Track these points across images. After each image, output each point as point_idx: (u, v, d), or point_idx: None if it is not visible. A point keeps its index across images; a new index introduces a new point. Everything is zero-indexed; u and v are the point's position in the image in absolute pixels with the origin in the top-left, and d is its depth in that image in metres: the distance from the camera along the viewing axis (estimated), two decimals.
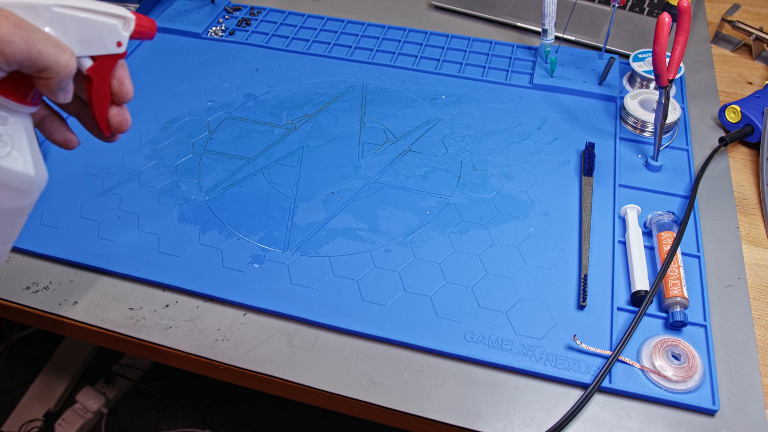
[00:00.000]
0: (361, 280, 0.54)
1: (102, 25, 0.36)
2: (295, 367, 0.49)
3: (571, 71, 0.76)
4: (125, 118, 0.41)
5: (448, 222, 0.59)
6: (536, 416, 0.47)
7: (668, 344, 0.49)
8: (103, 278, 0.56)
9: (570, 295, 0.53)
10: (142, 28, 0.39)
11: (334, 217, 0.60)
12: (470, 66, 0.78)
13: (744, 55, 0.83)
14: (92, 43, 0.36)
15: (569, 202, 0.61)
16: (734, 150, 0.69)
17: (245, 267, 0.56)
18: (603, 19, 0.87)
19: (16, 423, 1.15)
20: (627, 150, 0.67)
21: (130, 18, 0.37)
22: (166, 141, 0.68)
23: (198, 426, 1.18)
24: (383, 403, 0.47)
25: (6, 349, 1.27)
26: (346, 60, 0.79)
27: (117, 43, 0.37)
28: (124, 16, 0.37)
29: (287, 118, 0.71)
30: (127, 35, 0.38)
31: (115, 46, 0.37)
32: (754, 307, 0.54)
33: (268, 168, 0.65)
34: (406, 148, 0.67)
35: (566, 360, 0.49)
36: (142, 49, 0.81)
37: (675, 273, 0.52)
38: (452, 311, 0.52)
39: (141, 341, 0.51)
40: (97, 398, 1.17)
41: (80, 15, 0.35)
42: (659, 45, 0.59)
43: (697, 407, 0.46)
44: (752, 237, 0.60)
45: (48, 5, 0.33)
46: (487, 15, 0.88)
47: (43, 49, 0.31)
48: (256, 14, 0.88)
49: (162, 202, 0.61)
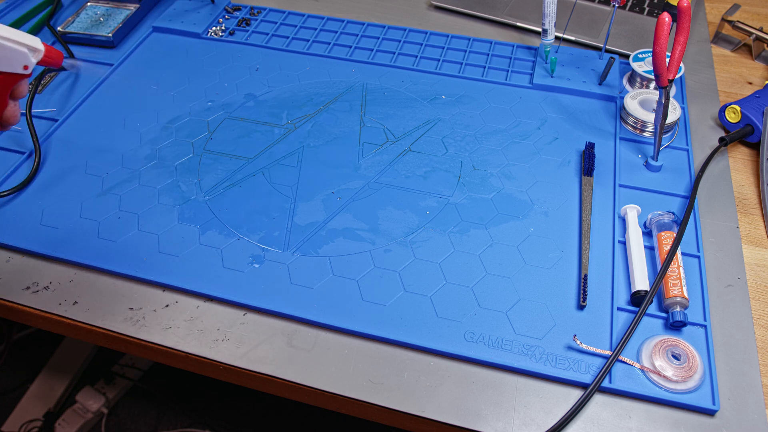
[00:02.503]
0: (361, 280, 0.54)
1: (13, 51, 0.45)
2: (295, 367, 0.49)
3: (571, 71, 0.76)
4: (15, 113, 0.49)
5: (448, 222, 0.59)
6: (536, 416, 0.47)
7: (668, 344, 0.49)
8: (103, 278, 0.56)
9: (570, 295, 0.53)
10: (49, 59, 0.48)
11: (334, 217, 0.60)
12: (470, 66, 0.78)
13: (744, 55, 0.83)
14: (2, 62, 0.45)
15: (569, 202, 0.61)
16: (734, 150, 0.69)
17: (245, 267, 0.56)
18: (603, 19, 0.87)
19: (16, 423, 1.15)
20: (627, 150, 0.67)
21: (41, 50, 0.47)
22: (166, 141, 0.68)
23: (198, 426, 1.18)
24: (383, 403, 0.47)
25: (6, 349, 1.27)
26: (346, 60, 0.79)
27: (24, 66, 0.46)
28: (35, 48, 0.47)
29: (287, 118, 0.71)
30: (35, 61, 0.47)
31: (22, 68, 0.46)
32: (754, 307, 0.54)
33: (268, 168, 0.65)
34: (406, 148, 0.67)
35: (566, 360, 0.49)
36: (143, 49, 0.81)
37: (675, 273, 0.52)
38: (452, 311, 0.52)
39: (141, 341, 0.51)
40: (97, 398, 1.16)
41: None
42: (659, 45, 0.59)
43: (697, 407, 0.46)
44: (752, 237, 0.60)
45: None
46: (487, 15, 0.88)
47: None
48: (256, 14, 0.88)
49: (162, 202, 0.61)
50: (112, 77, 0.77)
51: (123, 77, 0.76)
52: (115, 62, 0.78)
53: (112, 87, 0.75)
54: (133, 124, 0.70)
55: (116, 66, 0.78)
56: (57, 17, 0.87)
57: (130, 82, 0.76)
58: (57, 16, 0.87)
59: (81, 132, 0.69)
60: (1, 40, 0.44)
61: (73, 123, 0.71)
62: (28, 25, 0.84)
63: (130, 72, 0.78)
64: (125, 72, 0.77)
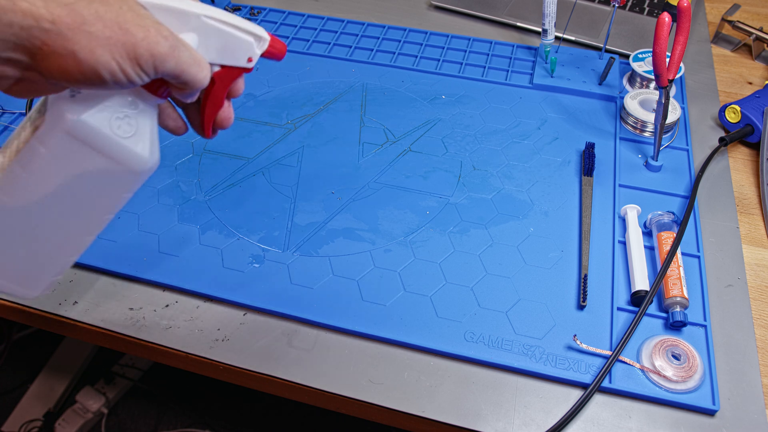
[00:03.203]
0: (361, 280, 0.54)
1: (239, 41, 0.39)
2: (295, 367, 0.49)
3: (571, 71, 0.76)
4: (230, 115, 0.43)
5: (448, 222, 0.59)
6: (536, 416, 0.47)
7: (668, 344, 0.49)
8: (103, 278, 0.56)
9: (570, 295, 0.53)
10: (274, 50, 0.41)
11: (334, 217, 0.60)
12: (470, 66, 0.78)
13: (744, 55, 0.83)
14: (227, 54, 0.39)
15: (569, 202, 0.61)
16: (734, 150, 0.69)
17: (245, 267, 0.56)
18: (603, 19, 0.87)
19: (16, 423, 1.15)
20: (627, 150, 0.67)
21: (266, 39, 0.40)
22: (166, 141, 0.68)
23: (198, 426, 1.18)
24: (383, 403, 0.47)
25: (6, 349, 1.27)
26: (346, 60, 0.79)
27: (248, 58, 0.40)
28: (261, 36, 0.40)
29: (287, 118, 0.71)
30: (259, 53, 0.40)
31: (246, 61, 0.40)
32: (754, 307, 0.54)
33: (268, 168, 0.65)
34: (406, 148, 0.67)
35: (566, 360, 0.49)
36: None
37: (675, 273, 0.52)
38: (452, 311, 0.52)
39: (141, 341, 0.51)
40: (97, 398, 1.17)
41: (223, 28, 0.38)
42: (659, 45, 0.59)
43: (697, 407, 0.46)
44: (752, 237, 0.60)
45: (198, 14, 0.36)
46: (487, 15, 0.88)
47: (187, 68, 0.35)
48: (256, 14, 0.88)
49: (162, 202, 0.61)
50: None
51: None
52: None
53: None
54: None
55: None
56: None
57: None
58: None
59: None
60: (226, 27, 0.38)
61: None
62: None
63: None
64: None
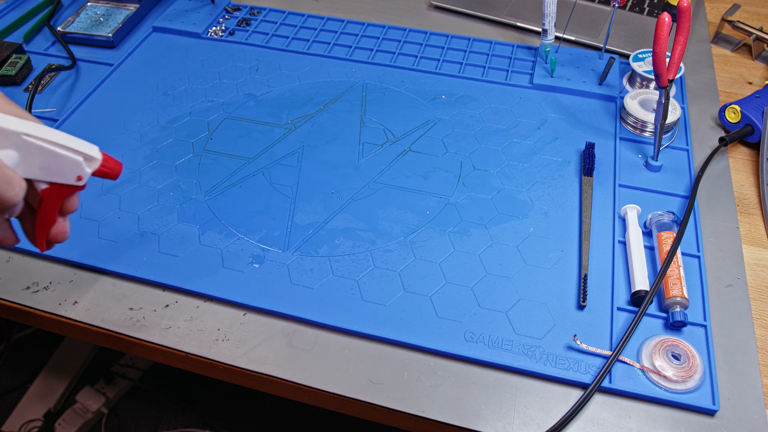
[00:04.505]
0: (361, 280, 0.54)
1: (66, 159, 0.38)
2: (295, 367, 0.49)
3: (571, 71, 0.76)
4: (64, 230, 0.42)
5: (448, 222, 0.59)
6: (536, 416, 0.47)
7: (668, 344, 0.49)
8: (103, 278, 0.56)
9: (570, 295, 0.53)
10: (107, 169, 0.41)
11: (334, 217, 0.60)
12: (470, 66, 0.78)
13: (744, 55, 0.83)
14: (53, 172, 0.38)
15: (569, 202, 0.61)
16: (734, 150, 0.69)
17: (245, 267, 0.56)
18: (603, 19, 0.87)
19: (16, 423, 1.15)
20: (627, 150, 0.67)
21: (97, 158, 0.39)
22: (166, 141, 0.68)
23: (198, 426, 1.18)
24: (383, 403, 0.47)
25: (6, 349, 1.27)
26: (346, 60, 0.79)
27: (77, 177, 0.39)
28: (91, 156, 0.39)
29: (287, 118, 0.71)
30: (89, 171, 0.39)
31: (75, 180, 0.39)
32: (754, 307, 0.54)
33: (268, 168, 0.65)
34: (406, 148, 0.67)
35: (566, 360, 0.49)
36: (143, 49, 0.81)
37: (675, 273, 0.52)
38: (452, 311, 0.52)
39: (141, 341, 0.51)
40: (97, 398, 1.16)
41: (46, 146, 0.37)
42: (659, 45, 0.59)
43: (697, 407, 0.46)
44: (752, 237, 0.60)
45: (18, 133, 0.35)
46: (487, 15, 0.88)
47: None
48: (256, 14, 0.88)
49: (162, 202, 0.61)
50: (112, 77, 0.77)
51: (123, 77, 0.76)
52: (115, 62, 0.78)
53: (112, 87, 0.75)
54: (133, 124, 0.70)
55: (116, 66, 0.78)
56: (57, 17, 0.87)
57: (130, 82, 0.76)
58: (57, 16, 0.87)
59: (81, 132, 0.69)
60: (52, 147, 0.37)
61: (73, 123, 0.71)
62: (28, 25, 0.84)
63: (130, 72, 0.78)
64: (125, 72, 0.77)
